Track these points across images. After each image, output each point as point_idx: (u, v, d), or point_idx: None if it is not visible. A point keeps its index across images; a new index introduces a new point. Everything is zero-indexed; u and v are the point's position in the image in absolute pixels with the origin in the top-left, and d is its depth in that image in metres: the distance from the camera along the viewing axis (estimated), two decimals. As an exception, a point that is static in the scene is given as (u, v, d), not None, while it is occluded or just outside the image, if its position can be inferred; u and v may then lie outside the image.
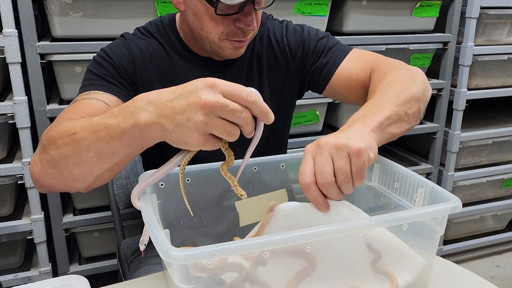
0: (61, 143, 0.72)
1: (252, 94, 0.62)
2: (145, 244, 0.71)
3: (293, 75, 1.09)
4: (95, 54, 1.02)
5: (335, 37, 1.10)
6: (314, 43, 1.06)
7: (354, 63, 1.02)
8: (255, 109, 0.62)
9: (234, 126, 0.62)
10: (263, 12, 1.11)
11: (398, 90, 0.82)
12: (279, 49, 1.07)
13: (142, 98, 0.65)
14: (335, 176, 0.66)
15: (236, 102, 0.61)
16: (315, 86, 1.09)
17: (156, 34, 1.04)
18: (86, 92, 0.94)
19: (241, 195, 0.72)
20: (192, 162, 0.73)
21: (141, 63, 1.01)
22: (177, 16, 1.05)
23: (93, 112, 0.87)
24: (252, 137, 0.67)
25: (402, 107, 0.79)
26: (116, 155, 0.69)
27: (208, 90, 0.60)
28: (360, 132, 0.71)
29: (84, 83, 0.97)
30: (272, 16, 1.13)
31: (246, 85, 1.06)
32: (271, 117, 0.64)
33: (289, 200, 0.93)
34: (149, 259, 1.13)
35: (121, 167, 0.74)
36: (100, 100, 0.91)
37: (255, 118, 0.65)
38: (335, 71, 1.03)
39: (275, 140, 1.14)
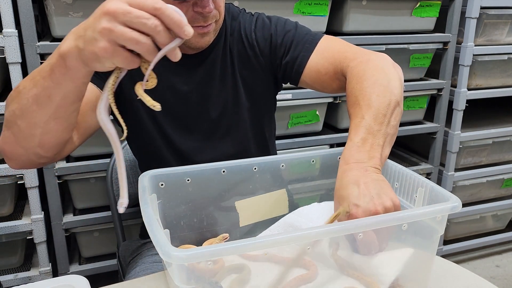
0: (9, 100, 0.77)
1: (159, 1, 0.59)
2: (124, 207, 0.65)
3: (264, 69, 1.09)
4: None
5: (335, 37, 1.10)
6: (281, 36, 1.06)
7: (323, 56, 1.01)
8: (164, 18, 0.59)
9: (142, 34, 0.59)
10: (235, 7, 1.13)
11: (382, 105, 0.82)
12: (248, 44, 1.07)
13: (67, 35, 0.67)
14: None
15: (144, 10, 0.59)
16: (290, 80, 1.09)
17: None
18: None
19: (154, 106, 0.64)
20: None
21: None
22: None
23: None
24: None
25: (390, 123, 0.81)
26: (52, 98, 0.71)
27: (113, 0, 0.60)
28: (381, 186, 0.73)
29: None
30: (245, 10, 1.13)
31: (221, 79, 1.06)
32: (187, 30, 0.60)
33: (289, 201, 0.93)
34: (145, 258, 1.13)
35: (64, 115, 0.75)
36: None
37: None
38: (306, 65, 1.03)
39: (261, 138, 1.15)
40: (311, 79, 1.04)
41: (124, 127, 0.68)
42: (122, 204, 0.64)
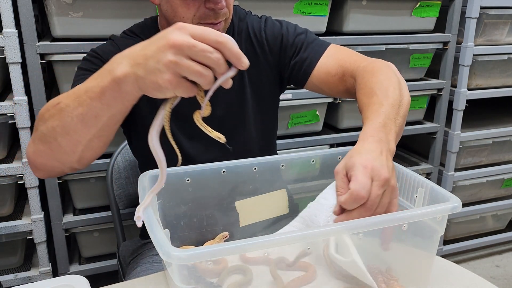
0: (47, 116, 0.74)
1: (223, 35, 0.61)
2: (142, 220, 0.67)
3: (272, 68, 1.11)
4: (85, 55, 1.05)
5: (336, 37, 1.11)
6: (293, 37, 1.08)
7: (333, 59, 1.03)
8: (225, 51, 0.61)
9: (205, 67, 0.61)
10: (242, 8, 1.15)
11: (397, 98, 0.81)
12: (257, 42, 1.09)
13: (117, 56, 0.66)
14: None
15: (206, 43, 0.60)
16: (296, 81, 1.10)
17: (141, 34, 1.08)
18: (78, 86, 0.94)
19: (219, 138, 0.68)
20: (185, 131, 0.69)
21: None
22: (159, 16, 1.09)
23: None
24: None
25: (401, 117, 0.80)
26: (98, 118, 0.70)
27: (176, 31, 0.60)
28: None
29: (75, 79, 0.99)
30: (251, 12, 1.15)
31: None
32: (244, 62, 0.63)
33: (288, 200, 0.93)
34: (145, 258, 1.13)
35: (108, 133, 0.74)
36: None
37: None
38: (315, 66, 1.04)
39: (264, 139, 1.16)
40: (319, 80, 1.04)
41: (179, 155, 0.69)
42: (140, 218, 0.68)
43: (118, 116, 0.71)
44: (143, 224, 0.68)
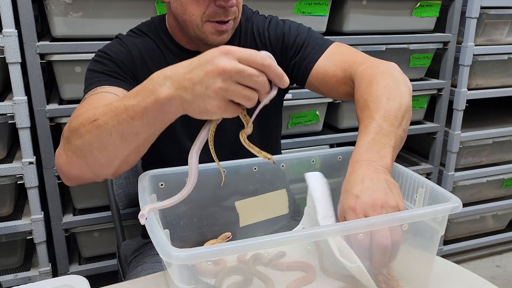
0: (83, 131, 0.73)
1: (267, 58, 0.62)
2: (146, 218, 0.67)
3: None
4: (93, 56, 1.03)
5: (336, 36, 1.11)
6: (294, 37, 1.08)
7: (332, 60, 1.02)
8: (270, 73, 0.63)
9: (252, 90, 0.62)
10: (249, 8, 1.15)
11: (393, 107, 0.80)
12: (260, 42, 1.10)
13: (159, 75, 0.65)
14: None
15: (252, 66, 0.61)
16: (296, 80, 1.10)
17: (149, 32, 1.08)
18: (93, 89, 0.95)
19: (269, 159, 0.71)
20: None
21: (139, 57, 1.04)
22: (167, 15, 1.09)
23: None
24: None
25: (402, 126, 0.79)
26: (139, 135, 0.69)
27: (223, 57, 0.60)
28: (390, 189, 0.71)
29: (88, 82, 0.98)
30: (258, 12, 1.16)
31: None
32: (286, 81, 0.64)
33: (290, 201, 0.93)
34: (147, 258, 1.13)
35: (145, 148, 0.74)
36: (110, 92, 0.93)
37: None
38: (313, 66, 1.04)
39: (267, 142, 1.16)
40: (317, 80, 1.04)
41: (223, 173, 0.72)
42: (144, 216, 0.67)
43: (158, 133, 0.71)
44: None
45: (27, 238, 1.53)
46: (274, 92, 0.65)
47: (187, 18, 0.97)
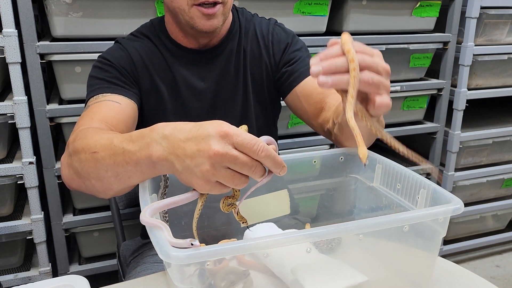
0: (83, 158, 0.74)
1: (265, 149, 0.59)
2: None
3: (273, 71, 1.13)
4: (94, 61, 1.05)
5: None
6: (294, 50, 1.11)
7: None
8: (267, 163, 0.61)
9: (242, 176, 0.61)
10: (248, 11, 1.17)
11: None
12: (263, 43, 1.12)
13: (159, 130, 0.65)
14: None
15: (247, 155, 0.59)
16: (280, 89, 1.13)
17: (149, 34, 1.09)
18: (95, 96, 0.97)
19: (243, 223, 0.72)
20: None
21: (139, 61, 1.05)
22: (165, 14, 1.10)
23: (109, 113, 0.91)
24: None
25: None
26: (132, 179, 0.71)
27: (219, 140, 0.59)
28: None
29: (90, 88, 1.00)
30: (257, 15, 1.18)
31: (234, 76, 1.07)
32: (284, 170, 0.63)
33: (290, 201, 0.93)
34: (146, 258, 1.13)
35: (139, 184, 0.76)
36: (112, 101, 0.95)
37: None
38: (302, 80, 1.07)
39: (267, 115, 1.18)
40: (299, 98, 1.07)
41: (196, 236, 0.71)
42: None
43: (151, 177, 0.72)
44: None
45: (27, 238, 1.53)
46: (268, 178, 0.64)
47: (175, 5, 0.98)
